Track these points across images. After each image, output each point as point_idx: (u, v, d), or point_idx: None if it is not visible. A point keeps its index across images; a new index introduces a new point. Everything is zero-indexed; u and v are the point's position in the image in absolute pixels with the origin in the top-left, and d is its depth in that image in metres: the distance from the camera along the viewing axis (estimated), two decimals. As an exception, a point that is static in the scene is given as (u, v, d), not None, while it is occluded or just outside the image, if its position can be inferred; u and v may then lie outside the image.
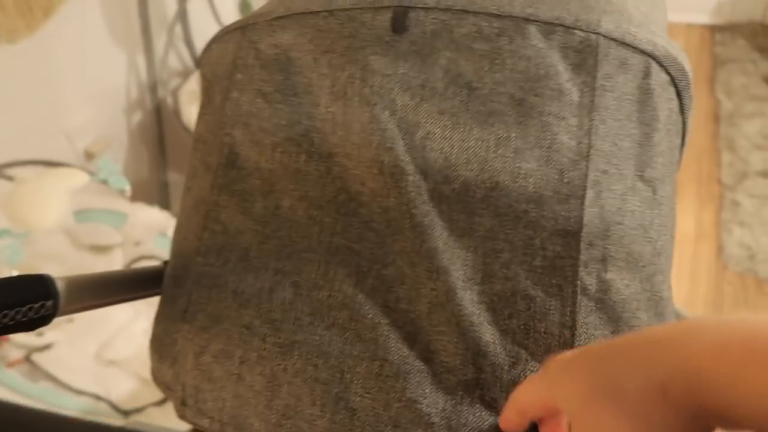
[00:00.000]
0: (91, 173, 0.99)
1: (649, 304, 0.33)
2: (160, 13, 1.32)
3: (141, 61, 1.30)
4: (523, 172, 0.32)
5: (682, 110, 0.35)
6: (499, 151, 0.32)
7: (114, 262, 0.93)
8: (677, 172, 0.37)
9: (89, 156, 1.17)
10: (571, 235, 0.31)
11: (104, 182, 0.98)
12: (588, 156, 0.32)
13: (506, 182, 0.32)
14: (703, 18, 2.20)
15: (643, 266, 0.33)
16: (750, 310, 1.21)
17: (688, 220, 1.43)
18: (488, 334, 0.31)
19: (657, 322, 0.33)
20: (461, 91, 0.33)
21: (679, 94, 0.34)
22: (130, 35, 1.27)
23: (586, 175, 0.32)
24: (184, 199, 0.40)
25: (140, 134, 1.33)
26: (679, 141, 0.36)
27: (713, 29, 2.16)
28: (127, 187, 0.98)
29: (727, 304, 1.23)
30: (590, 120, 0.32)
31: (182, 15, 1.34)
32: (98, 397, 0.77)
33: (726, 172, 1.54)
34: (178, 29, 1.36)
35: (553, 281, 0.31)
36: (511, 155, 0.32)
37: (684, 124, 0.36)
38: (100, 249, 0.97)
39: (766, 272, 1.27)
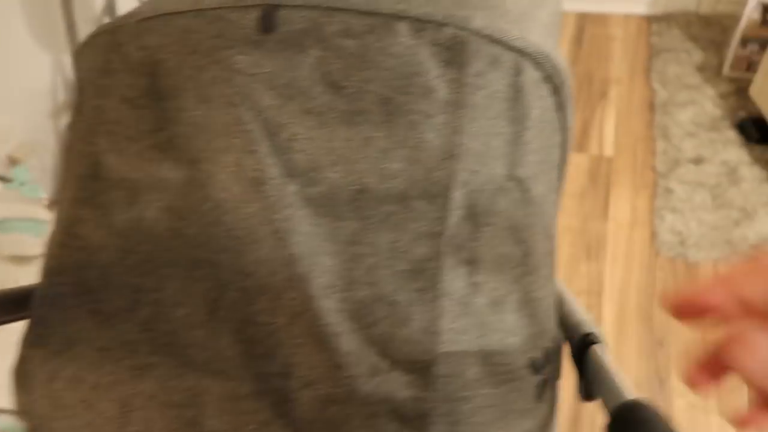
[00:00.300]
0: (10, 181, 0.95)
1: (519, 306, 0.33)
2: (85, 7, 1.27)
3: (67, 60, 1.26)
4: (389, 172, 0.31)
5: (562, 107, 0.35)
6: (366, 152, 0.32)
7: (37, 273, 0.90)
8: (561, 170, 0.37)
9: (13, 162, 1.13)
10: (436, 237, 0.31)
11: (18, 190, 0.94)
12: (456, 155, 0.31)
13: (373, 183, 0.31)
14: (641, 8, 2.25)
15: (513, 268, 0.33)
16: (680, 294, 1.25)
17: (624, 208, 1.48)
18: (348, 344, 0.31)
19: (528, 324, 0.33)
20: (328, 90, 0.32)
21: (555, 92, 0.34)
22: (54, 33, 1.22)
23: (454, 175, 0.31)
24: (55, 214, 0.39)
25: (69, 137, 1.28)
26: (558, 138, 0.36)
27: (650, 19, 2.22)
28: (44, 195, 0.94)
29: (659, 289, 1.27)
30: (458, 118, 0.31)
31: (110, 9, 1.30)
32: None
33: (660, 159, 1.59)
34: (107, 26, 1.32)
35: (416, 285, 0.31)
36: (378, 155, 0.32)
37: (564, 121, 0.36)
38: (21, 260, 0.93)
39: (696, 256, 1.32)
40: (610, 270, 1.33)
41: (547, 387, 0.34)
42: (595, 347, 0.36)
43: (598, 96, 1.88)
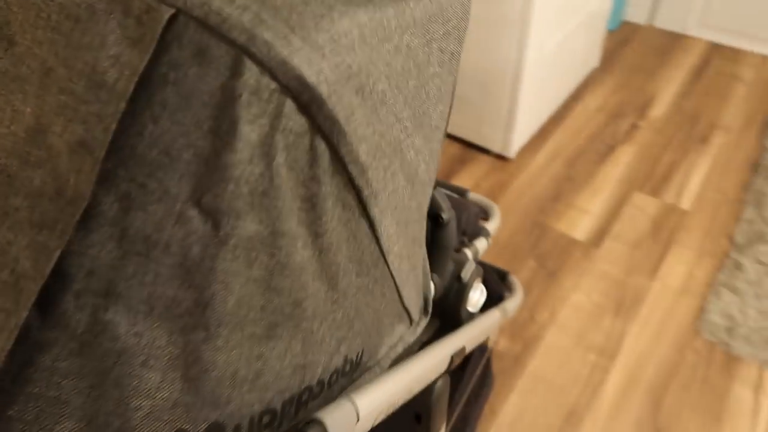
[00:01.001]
0: None
1: (173, 364, 0.27)
2: None
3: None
4: (32, 159, 0.26)
5: (323, 132, 0.27)
6: (13, 128, 0.26)
7: None
8: (362, 209, 0.31)
9: None
10: (49, 252, 0.25)
11: None
12: (113, 159, 0.25)
13: (13, 168, 0.26)
14: (784, 53, 1.95)
15: (177, 316, 0.27)
16: (707, 389, 1.08)
17: (679, 271, 1.30)
18: None
19: (182, 389, 0.28)
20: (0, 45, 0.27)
21: (305, 110, 0.26)
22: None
23: (104, 181, 0.25)
24: None
25: None
26: (318, 170, 0.28)
27: (791, 68, 1.92)
28: None
29: (684, 373, 1.10)
30: (124, 114, 0.24)
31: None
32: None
33: (741, 229, 1.38)
34: None
35: (5, 305, 0.26)
36: (24, 136, 0.26)
37: (333, 148, 0.28)
38: None
39: (740, 350, 1.13)
40: (636, 334, 1.17)
41: None
42: (306, 428, 0.31)
43: (698, 140, 1.66)
